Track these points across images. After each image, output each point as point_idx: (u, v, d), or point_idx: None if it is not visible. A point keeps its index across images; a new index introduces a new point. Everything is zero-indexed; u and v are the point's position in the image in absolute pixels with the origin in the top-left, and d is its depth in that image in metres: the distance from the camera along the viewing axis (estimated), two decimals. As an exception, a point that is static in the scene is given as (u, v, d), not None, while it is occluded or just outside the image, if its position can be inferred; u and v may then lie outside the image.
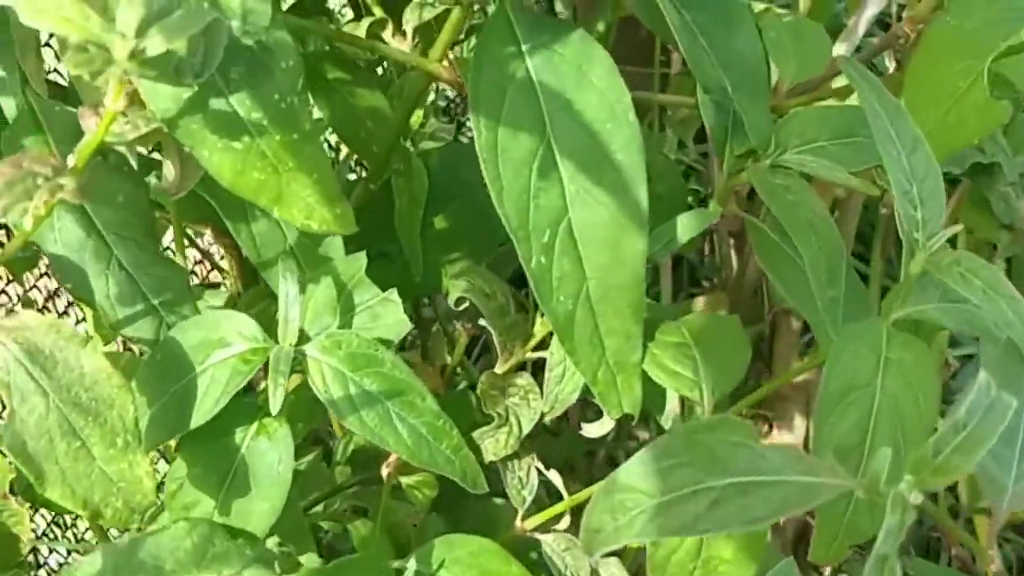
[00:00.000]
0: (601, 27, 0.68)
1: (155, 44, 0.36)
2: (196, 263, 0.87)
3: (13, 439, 0.41)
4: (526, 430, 0.55)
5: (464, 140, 0.88)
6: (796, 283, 0.54)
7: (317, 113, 0.62)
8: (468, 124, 0.92)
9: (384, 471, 0.58)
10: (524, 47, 0.47)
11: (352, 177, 0.80)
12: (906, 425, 0.41)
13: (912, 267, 0.42)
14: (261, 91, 0.40)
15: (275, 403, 0.47)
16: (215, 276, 0.88)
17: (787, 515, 0.34)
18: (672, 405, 0.54)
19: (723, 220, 1.13)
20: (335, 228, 0.44)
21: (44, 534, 0.88)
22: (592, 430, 0.57)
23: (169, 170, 0.44)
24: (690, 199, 1.06)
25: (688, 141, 0.79)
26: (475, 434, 0.54)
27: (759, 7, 0.67)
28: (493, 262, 0.66)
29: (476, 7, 0.49)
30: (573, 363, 0.49)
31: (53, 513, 0.89)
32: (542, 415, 0.55)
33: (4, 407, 0.42)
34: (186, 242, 0.71)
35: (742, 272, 0.99)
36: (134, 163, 0.50)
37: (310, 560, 0.60)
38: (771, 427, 0.92)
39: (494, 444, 0.54)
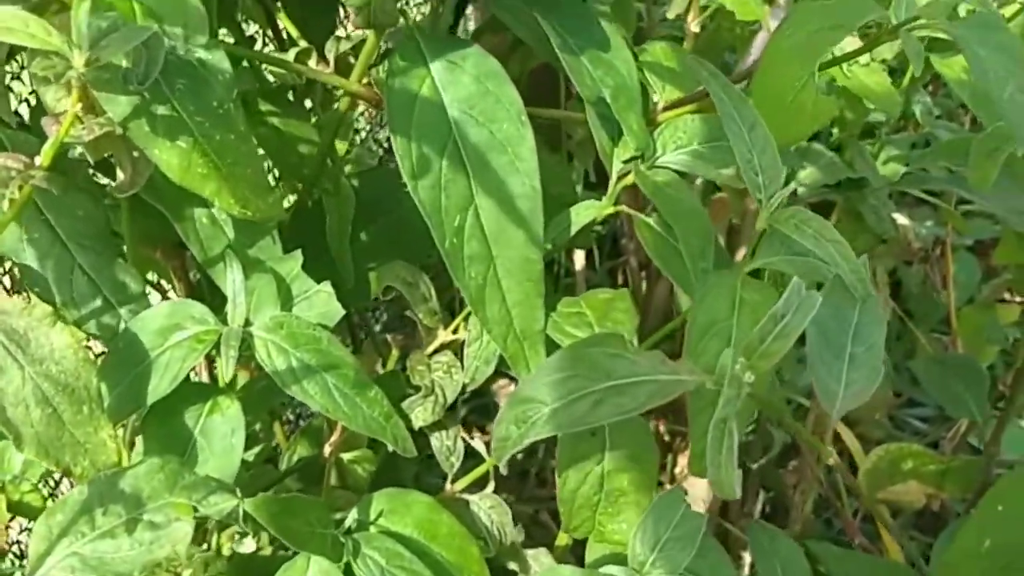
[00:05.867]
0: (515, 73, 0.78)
1: (105, 54, 0.43)
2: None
3: (-8, 406, 0.47)
4: (450, 399, 0.62)
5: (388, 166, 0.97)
6: (674, 264, 0.63)
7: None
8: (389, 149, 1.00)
9: (327, 449, 0.64)
10: (429, 61, 0.55)
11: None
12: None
13: (758, 224, 0.51)
14: (202, 98, 0.48)
15: (227, 372, 0.54)
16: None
17: (653, 405, 0.42)
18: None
19: (634, 252, 1.23)
20: (268, 215, 0.51)
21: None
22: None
23: (121, 173, 0.51)
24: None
25: (589, 166, 0.88)
26: (404, 404, 0.61)
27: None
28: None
29: (388, 33, 0.57)
30: (486, 331, 0.57)
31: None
32: (464, 386, 0.62)
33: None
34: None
35: (649, 298, 1.09)
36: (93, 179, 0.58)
37: (262, 540, 0.66)
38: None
39: (423, 412, 0.61)
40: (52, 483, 0.87)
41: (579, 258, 1.12)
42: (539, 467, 1.19)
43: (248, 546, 0.51)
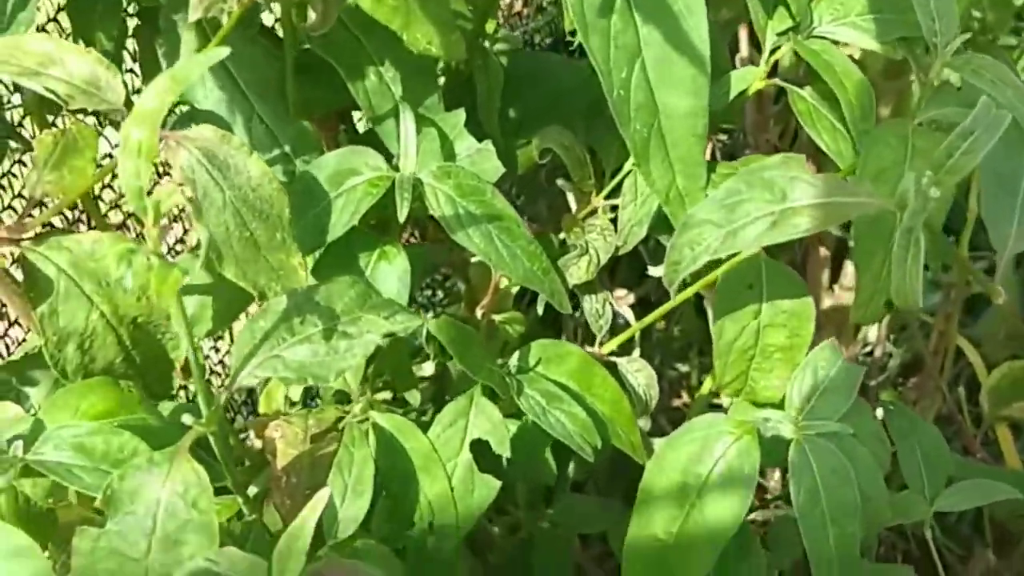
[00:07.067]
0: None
1: None
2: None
3: (200, 225, 0.50)
4: (603, 260, 0.63)
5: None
6: (828, 135, 0.63)
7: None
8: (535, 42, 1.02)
9: (479, 312, 0.66)
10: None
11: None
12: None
13: (932, 72, 0.51)
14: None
15: (402, 213, 0.56)
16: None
17: (828, 226, 0.42)
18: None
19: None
20: (450, 54, 0.53)
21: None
22: (656, 270, 0.65)
23: (312, 12, 0.53)
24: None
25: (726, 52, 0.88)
26: (560, 261, 0.63)
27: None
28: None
29: None
30: (648, 184, 0.58)
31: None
32: (617, 248, 0.64)
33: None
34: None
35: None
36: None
37: (412, 397, 0.69)
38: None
39: (577, 270, 0.63)
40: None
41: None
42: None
43: (427, 369, 0.53)
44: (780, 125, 1.04)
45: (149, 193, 0.41)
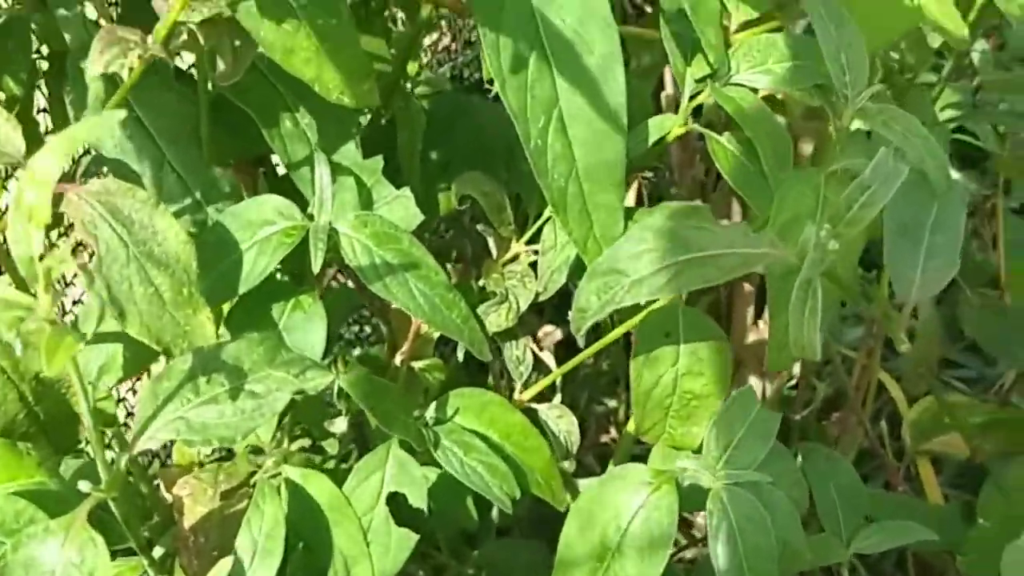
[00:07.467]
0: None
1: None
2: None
3: (100, 282, 0.49)
4: (523, 307, 0.63)
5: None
6: (748, 183, 0.64)
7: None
8: (463, 76, 1.01)
9: (398, 359, 0.65)
10: (517, -37, 0.56)
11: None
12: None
13: (843, 120, 0.51)
14: (306, -19, 0.49)
15: (316, 264, 0.55)
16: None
17: (733, 277, 0.43)
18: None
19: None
20: (363, 103, 0.52)
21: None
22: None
23: (221, 62, 0.52)
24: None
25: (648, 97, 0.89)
26: (480, 309, 0.63)
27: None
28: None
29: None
30: (566, 233, 0.58)
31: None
32: (537, 295, 0.63)
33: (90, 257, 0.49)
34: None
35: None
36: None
37: (331, 445, 0.68)
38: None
39: (496, 317, 0.62)
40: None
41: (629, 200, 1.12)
42: (581, 415, 1.21)
43: (339, 426, 0.52)
44: (706, 162, 1.05)
45: (42, 257, 0.39)
